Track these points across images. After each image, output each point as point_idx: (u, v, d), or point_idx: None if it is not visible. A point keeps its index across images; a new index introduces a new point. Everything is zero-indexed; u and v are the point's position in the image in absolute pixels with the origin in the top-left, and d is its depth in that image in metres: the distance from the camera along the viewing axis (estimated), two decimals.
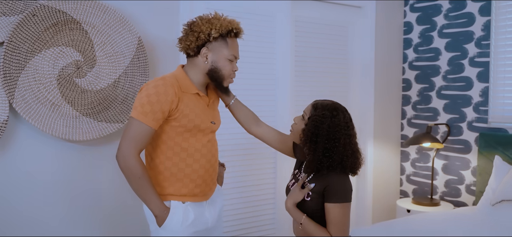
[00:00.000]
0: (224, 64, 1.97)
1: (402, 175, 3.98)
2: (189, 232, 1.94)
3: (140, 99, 1.84)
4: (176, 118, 1.89)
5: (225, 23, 1.95)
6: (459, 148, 3.53)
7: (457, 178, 3.56)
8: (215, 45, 1.95)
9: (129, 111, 2.55)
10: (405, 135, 3.93)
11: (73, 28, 2.39)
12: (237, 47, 2.01)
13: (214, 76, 1.98)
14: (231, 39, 1.97)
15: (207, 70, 1.97)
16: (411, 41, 3.86)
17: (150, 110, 1.82)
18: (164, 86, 1.85)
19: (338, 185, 1.86)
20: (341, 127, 1.86)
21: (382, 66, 3.77)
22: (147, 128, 1.82)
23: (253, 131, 2.21)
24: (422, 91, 3.78)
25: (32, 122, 2.27)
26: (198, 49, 1.96)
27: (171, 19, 2.74)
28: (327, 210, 1.86)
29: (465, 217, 2.82)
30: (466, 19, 3.47)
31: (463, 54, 3.50)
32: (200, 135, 1.96)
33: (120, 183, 2.63)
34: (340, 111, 1.89)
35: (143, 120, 1.81)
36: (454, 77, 3.56)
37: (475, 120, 3.43)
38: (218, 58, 1.96)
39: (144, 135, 1.83)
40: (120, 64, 2.52)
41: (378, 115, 3.77)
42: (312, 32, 3.39)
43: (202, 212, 2.00)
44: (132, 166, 1.81)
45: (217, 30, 1.93)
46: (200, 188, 1.98)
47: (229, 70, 1.98)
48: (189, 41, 1.95)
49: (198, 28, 1.94)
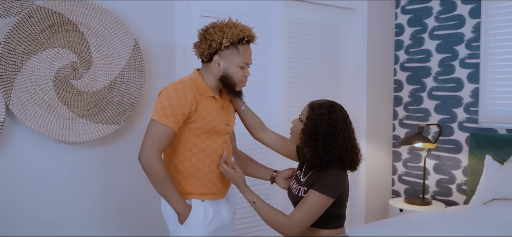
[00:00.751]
0: (235, 70, 2.02)
1: (394, 175, 4.03)
2: (209, 229, 2.01)
3: (161, 102, 1.90)
4: (194, 120, 1.95)
5: (236, 31, 1.99)
6: (450, 148, 3.58)
7: (448, 177, 3.61)
8: (227, 53, 2.01)
9: (126, 112, 2.55)
10: (397, 135, 3.98)
11: (69, 30, 2.38)
12: (249, 54, 2.06)
13: (226, 82, 2.04)
14: (243, 47, 2.02)
15: (220, 76, 2.04)
16: (403, 43, 3.91)
17: (171, 113, 1.88)
18: (184, 90, 1.92)
19: (329, 177, 1.89)
20: (339, 122, 1.90)
21: (374, 67, 3.82)
22: (168, 130, 1.89)
23: (259, 137, 2.27)
24: (414, 92, 3.84)
25: (29, 123, 2.26)
26: (210, 56, 2.03)
27: (167, 20, 2.75)
28: (308, 194, 1.90)
29: (458, 216, 2.87)
30: (456, 21, 3.53)
31: (454, 55, 3.55)
32: (216, 136, 2.03)
33: (117, 184, 2.63)
34: (337, 108, 1.94)
35: (164, 122, 1.88)
36: (445, 78, 3.62)
37: (466, 121, 3.49)
38: (229, 65, 2.01)
39: (165, 136, 1.90)
40: (116, 66, 2.52)
41: (371, 115, 3.81)
42: (306, 33, 3.42)
43: (219, 210, 2.08)
44: (155, 167, 1.88)
45: (228, 39, 1.98)
46: (217, 186, 2.06)
47: (241, 76, 2.04)
48: (202, 48, 2.03)
49: (210, 36, 2.00)
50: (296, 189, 2.02)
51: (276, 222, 1.90)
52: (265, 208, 1.95)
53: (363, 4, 3.69)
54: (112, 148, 2.60)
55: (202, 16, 2.87)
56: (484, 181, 3.05)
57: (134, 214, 2.70)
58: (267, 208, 1.94)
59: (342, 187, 1.92)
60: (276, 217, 1.91)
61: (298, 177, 2.08)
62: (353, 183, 3.78)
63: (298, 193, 1.99)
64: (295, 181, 2.08)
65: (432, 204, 3.48)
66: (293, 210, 1.92)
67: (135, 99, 2.57)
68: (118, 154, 2.62)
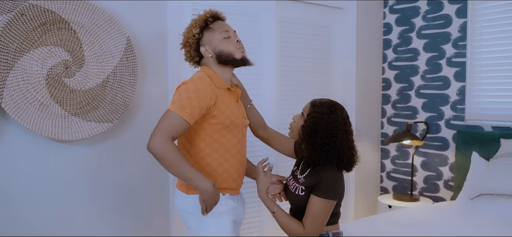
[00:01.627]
0: (222, 44, 2.05)
1: (382, 172, 4.08)
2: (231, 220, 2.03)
3: (179, 94, 1.90)
4: (214, 115, 1.95)
5: (200, 17, 2.07)
6: (437, 145, 3.65)
7: (435, 174, 3.68)
8: (205, 38, 2.07)
9: (118, 110, 2.55)
10: (385, 133, 4.04)
11: (62, 28, 2.38)
12: (223, 26, 2.09)
13: (224, 59, 2.05)
14: (213, 24, 2.08)
15: (216, 60, 2.06)
16: (391, 42, 3.97)
17: (188, 105, 1.87)
18: (203, 84, 1.92)
19: (329, 181, 1.92)
20: (338, 123, 1.93)
21: (362, 66, 3.87)
22: (182, 121, 1.86)
23: (260, 133, 2.31)
24: (402, 90, 3.90)
25: (21, 122, 2.25)
26: (198, 52, 2.08)
27: (159, 18, 2.76)
28: (310, 200, 1.93)
29: (446, 211, 2.93)
30: (443, 21, 3.60)
31: (441, 54, 3.62)
32: (236, 130, 2.04)
33: (110, 182, 2.63)
34: (338, 108, 1.97)
35: (179, 113, 1.86)
36: (432, 77, 3.68)
37: (453, 118, 3.56)
38: (214, 44, 2.05)
39: (178, 127, 1.86)
40: (108, 64, 2.52)
41: (360, 113, 3.86)
42: (296, 32, 3.46)
43: (236, 205, 2.09)
44: (168, 150, 1.82)
45: (195, 27, 2.05)
46: (236, 182, 2.08)
47: (231, 45, 2.06)
48: (188, 53, 2.10)
49: (185, 39, 2.09)
50: (293, 187, 2.05)
51: (294, 231, 1.94)
52: (284, 217, 1.98)
53: (352, 4, 3.73)
54: (105, 146, 2.60)
55: (194, 15, 2.88)
56: (470, 177, 3.12)
57: (128, 212, 2.70)
58: (286, 217, 1.98)
59: (341, 188, 1.97)
60: (293, 227, 1.95)
61: (295, 173, 2.10)
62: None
63: (296, 191, 2.02)
64: (292, 178, 2.11)
65: (420, 200, 3.54)
66: (304, 219, 1.94)
67: (128, 97, 2.58)
68: (111, 152, 2.62)
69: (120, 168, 2.66)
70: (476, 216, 2.79)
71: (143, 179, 2.74)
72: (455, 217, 2.80)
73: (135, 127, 2.70)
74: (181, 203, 2.08)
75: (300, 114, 2.05)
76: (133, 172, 2.71)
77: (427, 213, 2.91)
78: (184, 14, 2.84)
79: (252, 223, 3.25)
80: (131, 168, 2.70)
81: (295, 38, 3.46)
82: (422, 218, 2.80)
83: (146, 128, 2.73)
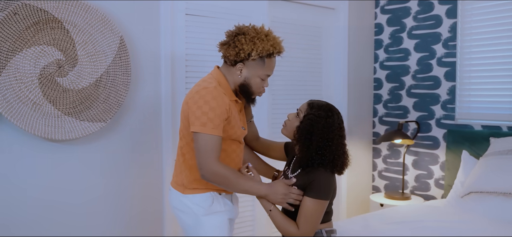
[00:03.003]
0: (256, 81, 2.02)
1: (374, 171, 4.12)
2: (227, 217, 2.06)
3: (205, 113, 1.86)
4: (225, 129, 1.95)
5: (267, 46, 1.96)
6: (428, 144, 3.69)
7: (426, 173, 3.72)
8: (252, 64, 1.99)
9: (111, 110, 2.55)
10: (377, 132, 4.07)
11: (55, 27, 2.37)
12: (273, 67, 2.04)
13: (244, 90, 2.04)
14: (269, 60, 2.00)
15: (239, 84, 2.03)
16: (382, 42, 4.00)
17: (219, 122, 1.88)
18: (220, 96, 1.91)
19: (322, 182, 1.93)
20: (334, 127, 1.94)
21: (354, 65, 3.90)
22: (219, 139, 1.89)
23: (253, 145, 2.33)
24: (393, 90, 3.93)
25: (14, 121, 2.25)
26: (235, 62, 2.00)
27: (152, 18, 2.76)
28: (303, 201, 1.95)
29: (437, 209, 2.97)
30: (433, 21, 3.64)
31: (431, 54, 3.66)
32: (238, 141, 2.07)
33: (104, 182, 2.62)
34: (335, 113, 1.98)
35: (214, 133, 1.87)
36: (423, 77, 3.72)
37: (443, 117, 3.60)
38: (251, 75, 2.01)
39: (219, 146, 1.89)
40: (102, 63, 2.52)
41: (351, 113, 3.89)
42: (288, 32, 3.48)
43: (231, 204, 2.12)
44: (222, 173, 1.88)
45: (257, 53, 1.95)
46: None
47: (260, 87, 2.04)
48: (229, 53, 1.99)
49: (240, 45, 1.95)
50: None
51: (288, 231, 1.96)
52: (279, 217, 1.99)
53: (344, 4, 3.76)
54: (99, 146, 2.59)
55: (187, 15, 2.90)
56: (461, 175, 3.16)
57: (121, 212, 2.70)
58: (281, 217, 1.99)
59: (332, 187, 1.99)
60: (288, 227, 1.96)
61: (286, 173, 2.12)
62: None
63: None
64: (283, 178, 2.12)
65: (411, 199, 3.57)
66: (297, 220, 1.96)
67: (121, 96, 2.58)
68: (105, 151, 2.62)
69: (114, 167, 2.66)
70: (466, 213, 2.83)
71: (136, 179, 2.74)
72: (446, 215, 2.83)
73: (128, 126, 2.70)
74: (176, 202, 2.08)
75: (295, 113, 2.05)
76: (126, 172, 2.71)
77: (418, 211, 2.94)
78: (177, 13, 2.85)
79: (245, 222, 3.26)
80: (125, 167, 2.70)
81: (287, 38, 3.45)
82: (413, 216, 2.84)
83: (139, 127, 2.73)
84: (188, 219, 2.05)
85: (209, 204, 2.02)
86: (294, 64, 3.53)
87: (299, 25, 3.55)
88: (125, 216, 2.71)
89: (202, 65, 2.93)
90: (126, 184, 2.71)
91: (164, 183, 2.84)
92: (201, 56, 2.96)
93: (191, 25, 2.92)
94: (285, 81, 3.49)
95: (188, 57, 2.92)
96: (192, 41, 2.93)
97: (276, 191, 1.96)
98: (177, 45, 2.86)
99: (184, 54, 2.89)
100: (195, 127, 1.87)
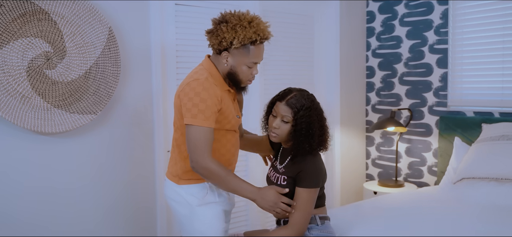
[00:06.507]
0: (242, 69, 1.99)
1: (367, 159, 4.12)
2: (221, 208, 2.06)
3: (196, 105, 1.85)
4: (218, 120, 1.94)
5: (250, 33, 1.91)
6: (421, 131, 3.69)
7: (419, 160, 3.73)
8: (236, 52, 1.95)
9: (102, 102, 2.52)
10: (370, 120, 4.07)
11: (42, 19, 2.34)
12: (260, 53, 1.99)
13: (231, 78, 2.01)
14: (254, 47, 1.96)
15: (226, 72, 2.00)
16: (374, 30, 3.99)
17: (210, 113, 1.86)
18: (212, 87, 1.89)
19: (311, 170, 1.95)
20: (321, 110, 1.97)
21: (346, 54, 3.89)
22: (210, 130, 1.88)
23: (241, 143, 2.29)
24: (385, 77, 3.93)
25: (3, 114, 2.22)
26: (220, 51, 1.97)
27: (141, 8, 2.73)
28: (297, 193, 1.96)
29: (430, 196, 2.98)
30: (425, 8, 3.63)
31: (423, 41, 3.65)
32: (233, 130, 2.05)
33: (93, 175, 2.61)
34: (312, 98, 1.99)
35: (207, 125, 1.86)
36: (415, 64, 3.71)
37: (435, 105, 3.60)
38: (237, 63, 1.97)
39: (211, 137, 1.88)
40: (91, 55, 2.49)
41: (344, 101, 3.89)
42: (280, 21, 3.45)
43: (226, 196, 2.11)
44: (214, 169, 1.86)
45: (239, 41, 1.91)
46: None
47: (248, 75, 2.01)
48: (213, 41, 1.96)
49: (222, 33, 1.92)
50: (274, 178, 2.07)
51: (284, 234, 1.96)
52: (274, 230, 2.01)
53: None
54: (89, 138, 2.57)
55: (176, 4, 2.87)
56: (453, 162, 3.17)
57: (113, 205, 2.68)
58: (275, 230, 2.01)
59: (322, 172, 2.00)
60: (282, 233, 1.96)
61: (275, 164, 2.12)
62: (329, 168, 3.84)
63: (278, 181, 2.03)
64: (272, 169, 2.13)
65: (405, 186, 3.58)
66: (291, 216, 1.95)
67: (111, 88, 2.55)
68: (95, 144, 2.60)
69: (105, 160, 2.64)
70: (459, 199, 2.83)
71: (128, 171, 2.73)
72: (439, 201, 2.84)
73: (119, 118, 2.68)
74: (170, 193, 2.08)
75: (279, 119, 1.97)
76: (118, 164, 2.69)
77: (411, 198, 2.95)
78: (166, 3, 2.82)
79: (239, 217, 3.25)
80: (116, 159, 2.68)
81: (278, 27, 3.45)
82: (407, 203, 2.84)
83: (130, 119, 2.71)
84: (182, 209, 2.05)
85: (204, 195, 2.02)
86: (285, 54, 3.51)
87: (291, 14, 3.53)
88: (117, 208, 2.70)
89: (193, 55, 2.91)
90: (118, 176, 2.69)
91: (156, 175, 2.83)
92: (192, 45, 2.93)
93: (181, 15, 2.90)
94: (278, 70, 3.47)
95: (178, 47, 2.89)
96: (183, 30, 2.91)
97: (265, 198, 1.92)
98: (167, 34, 2.84)
99: (175, 44, 2.87)
100: (187, 120, 1.87)
